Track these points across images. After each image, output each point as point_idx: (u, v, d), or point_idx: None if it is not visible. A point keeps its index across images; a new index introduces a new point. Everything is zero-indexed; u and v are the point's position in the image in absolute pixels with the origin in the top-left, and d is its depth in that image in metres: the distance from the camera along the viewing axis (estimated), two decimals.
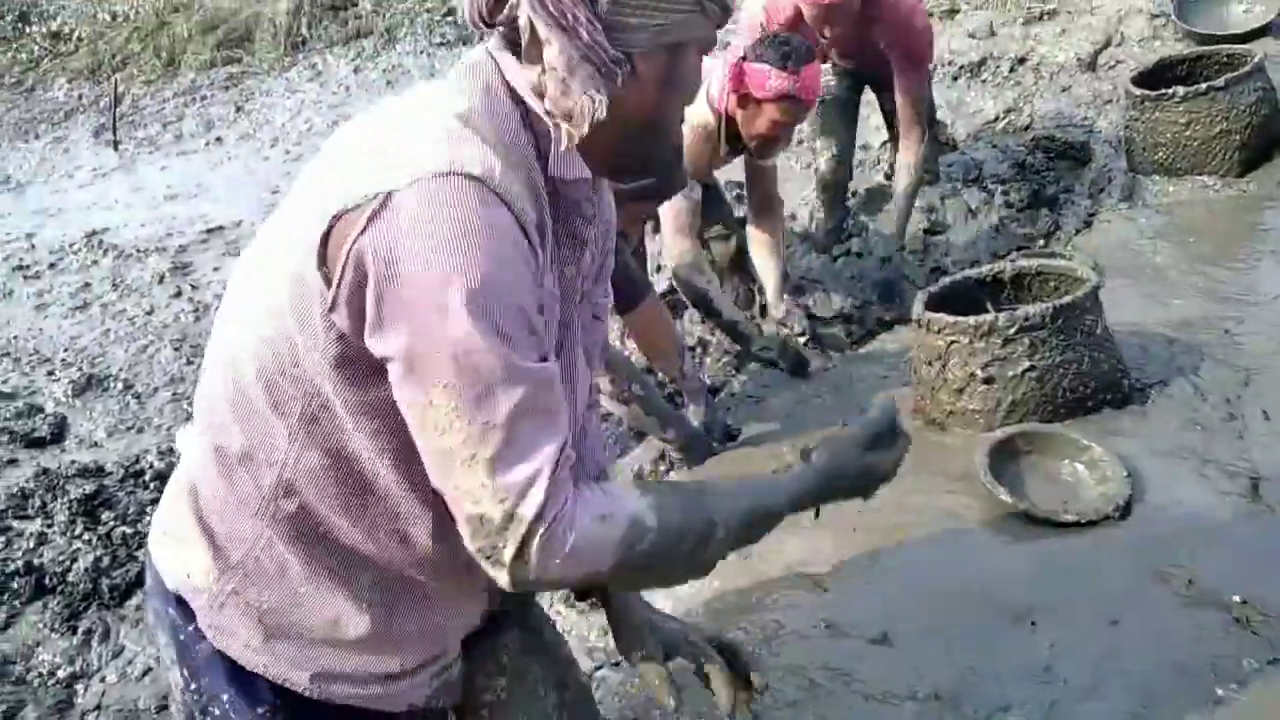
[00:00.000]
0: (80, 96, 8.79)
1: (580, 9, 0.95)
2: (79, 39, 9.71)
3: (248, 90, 7.72)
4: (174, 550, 1.15)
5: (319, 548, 1.08)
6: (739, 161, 3.23)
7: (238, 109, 7.46)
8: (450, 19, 7.58)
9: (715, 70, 2.95)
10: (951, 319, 2.43)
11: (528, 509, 0.94)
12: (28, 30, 9.90)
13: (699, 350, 3.51)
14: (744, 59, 2.81)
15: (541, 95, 1.00)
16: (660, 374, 3.12)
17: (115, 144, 7.36)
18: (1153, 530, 1.97)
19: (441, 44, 7.41)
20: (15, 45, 9.79)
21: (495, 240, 0.93)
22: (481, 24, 1.02)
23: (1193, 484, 2.11)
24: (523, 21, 0.97)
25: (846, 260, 3.87)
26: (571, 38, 0.96)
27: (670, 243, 3.06)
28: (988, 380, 2.39)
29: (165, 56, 8.82)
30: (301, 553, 1.08)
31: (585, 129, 0.98)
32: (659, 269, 3.79)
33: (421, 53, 7.47)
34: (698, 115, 2.95)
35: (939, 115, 4.26)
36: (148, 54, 8.94)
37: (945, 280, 2.74)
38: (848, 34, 3.25)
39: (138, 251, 5.14)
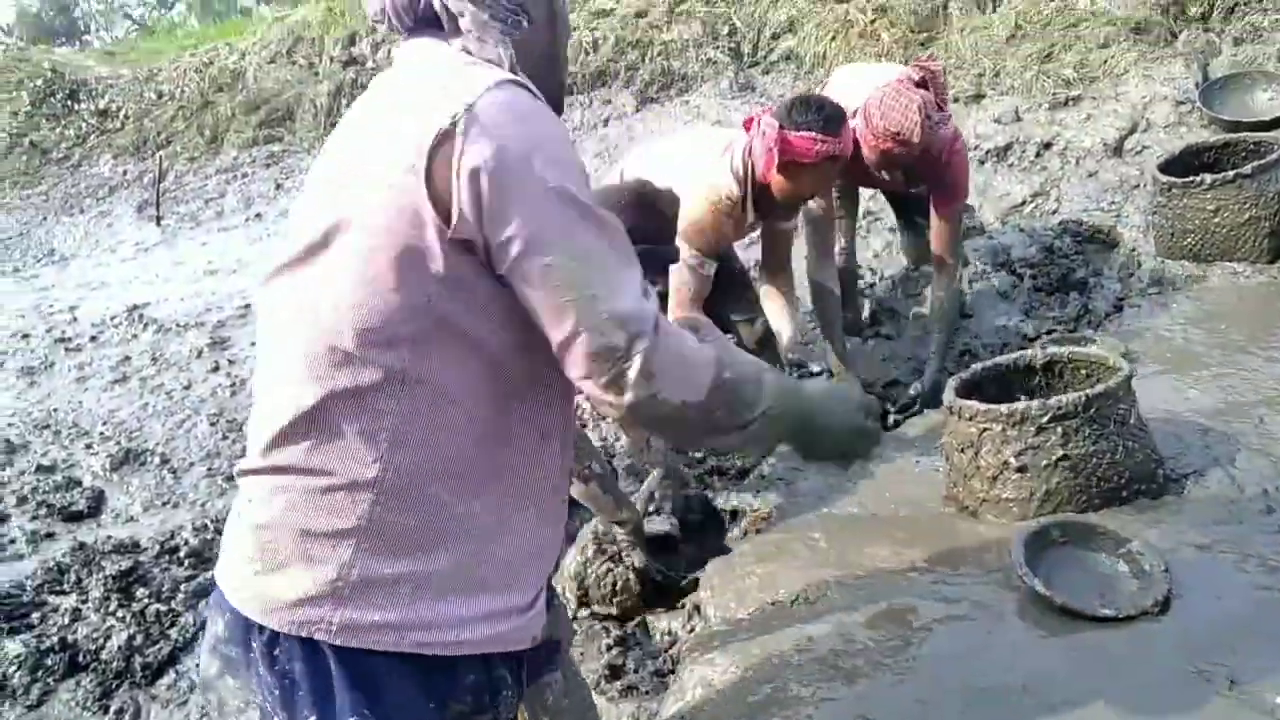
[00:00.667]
0: (125, 172, 9.08)
1: None
2: (126, 116, 10.05)
3: (288, 168, 7.95)
4: (272, 578, 1.16)
5: (444, 477, 1.18)
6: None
7: (277, 186, 7.67)
8: None
9: (735, 144, 3.02)
10: (984, 406, 2.43)
11: (645, 325, 1.14)
12: (76, 107, 10.26)
13: None
14: (782, 128, 2.86)
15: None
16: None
17: (158, 219, 7.58)
18: (1192, 626, 1.94)
19: None
20: (64, 122, 10.15)
21: (553, 121, 1.18)
22: (403, 23, 1.25)
23: (1232, 578, 2.08)
24: (438, 5, 1.23)
25: (878, 342, 3.90)
26: (478, 5, 1.22)
27: (673, 318, 3.08)
28: (1021, 469, 2.38)
29: (209, 134, 9.11)
30: (424, 489, 1.17)
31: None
32: None
33: None
34: (719, 189, 3.00)
35: (967, 200, 4.31)
36: (192, 132, 9.24)
37: (976, 366, 2.75)
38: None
39: (177, 326, 5.26)
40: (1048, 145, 4.92)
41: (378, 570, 1.14)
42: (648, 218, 2.34)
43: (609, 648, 2.49)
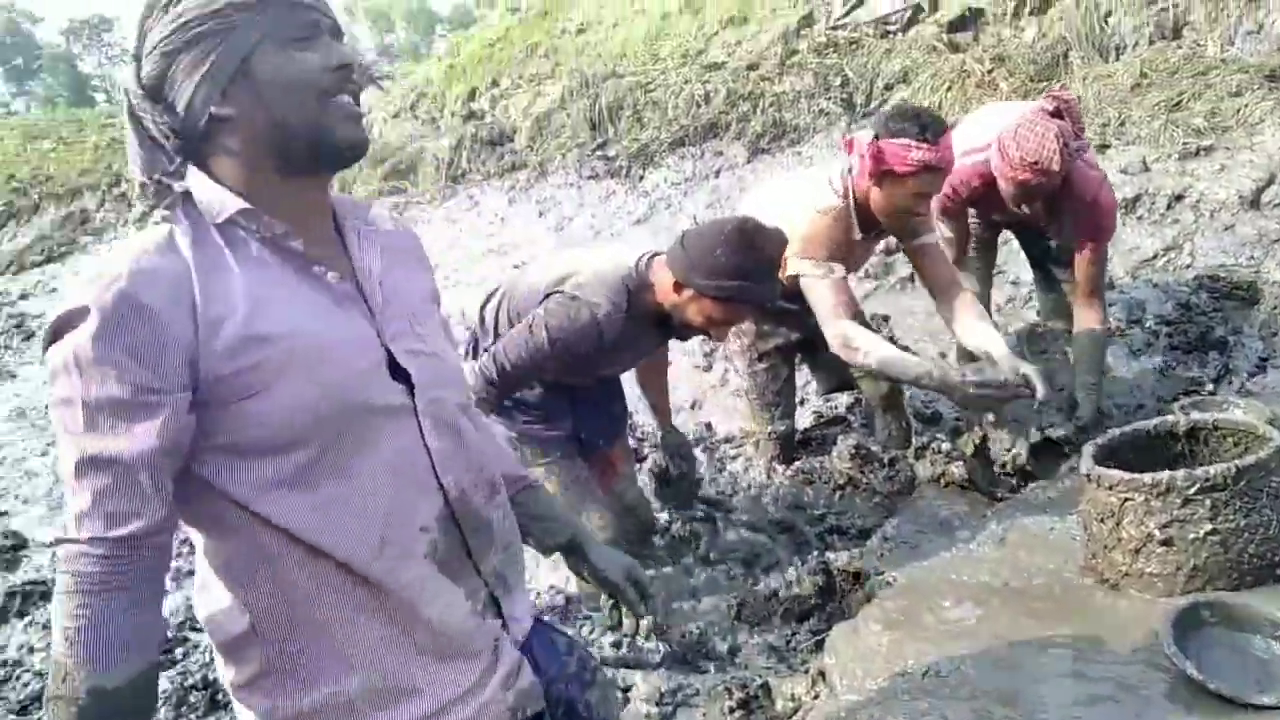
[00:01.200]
0: None
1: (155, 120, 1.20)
2: None
3: (410, 218, 8.25)
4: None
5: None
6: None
7: None
8: (600, 154, 7.97)
9: (834, 160, 3.04)
10: (1125, 476, 2.35)
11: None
12: None
13: (848, 489, 3.48)
14: (877, 137, 2.84)
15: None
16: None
17: None
18: None
19: (591, 177, 7.78)
20: None
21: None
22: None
23: None
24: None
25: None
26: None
27: (829, 332, 2.98)
28: (1166, 542, 2.29)
29: (337, 184, 9.54)
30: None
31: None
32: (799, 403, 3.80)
33: (571, 185, 7.85)
34: (823, 201, 2.99)
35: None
36: None
37: (1114, 431, 2.66)
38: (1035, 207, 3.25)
39: None
40: (1179, 197, 4.75)
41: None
42: (751, 257, 2.41)
43: (731, 710, 2.48)
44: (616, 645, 2.70)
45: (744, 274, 2.43)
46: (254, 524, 1.18)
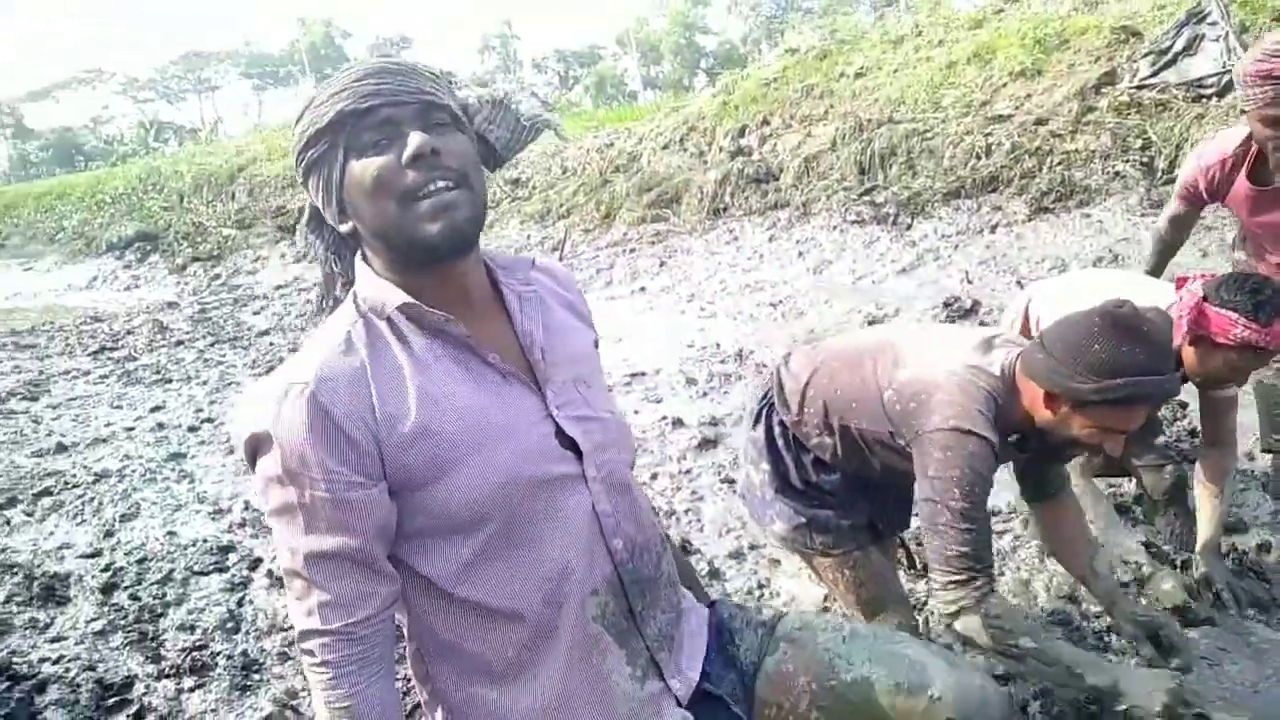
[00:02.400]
0: (529, 236, 10.14)
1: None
2: (534, 187, 11.27)
3: (671, 248, 8.47)
4: None
5: None
6: None
7: (661, 264, 8.19)
8: (867, 199, 7.86)
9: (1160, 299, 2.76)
10: None
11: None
12: (491, 175, 11.73)
13: (1133, 586, 3.21)
14: (1205, 299, 2.60)
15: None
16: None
17: None
18: None
19: (855, 221, 7.68)
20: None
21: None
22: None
23: None
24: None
25: None
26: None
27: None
28: None
29: (604, 210, 9.96)
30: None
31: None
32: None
33: (835, 228, 7.78)
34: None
35: None
36: (590, 206, 10.15)
37: None
38: None
39: None
40: None
41: None
42: (1138, 344, 1.98)
43: None
44: None
45: (1135, 366, 1.97)
46: (441, 599, 1.27)
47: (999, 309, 5.83)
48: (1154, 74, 7.31)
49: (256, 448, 1.19)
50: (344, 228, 1.27)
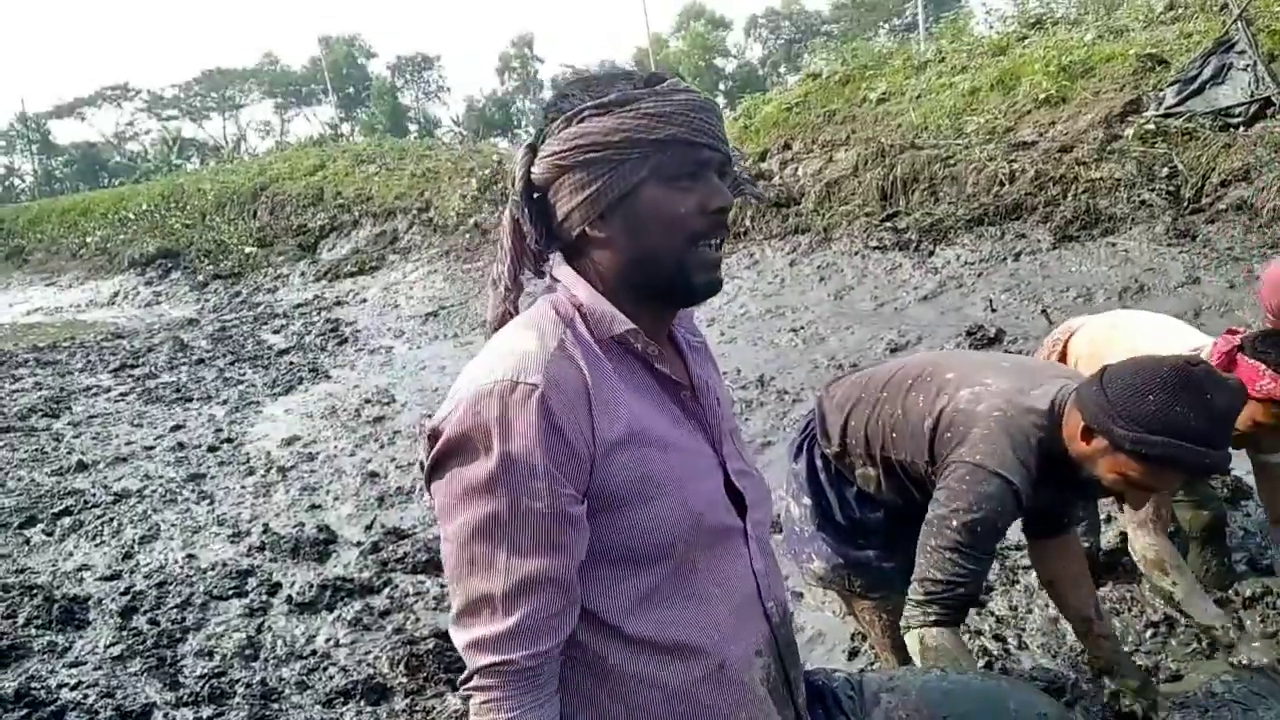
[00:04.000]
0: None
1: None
2: None
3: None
4: None
5: None
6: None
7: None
8: (889, 224, 7.82)
9: (1205, 346, 2.71)
10: None
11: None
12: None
13: (1162, 627, 3.14)
14: (1240, 349, 2.54)
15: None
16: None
17: None
18: None
19: (877, 247, 7.64)
20: (504, 207, 11.69)
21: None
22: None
23: None
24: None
25: None
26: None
27: (1133, 535, 2.79)
28: None
29: None
30: None
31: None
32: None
33: (856, 254, 7.73)
34: None
35: None
36: None
37: None
38: None
39: None
40: None
41: None
42: (1193, 409, 1.88)
43: None
44: None
45: (1180, 430, 1.86)
46: (603, 638, 1.18)
47: (1023, 337, 5.77)
48: (1180, 102, 7.26)
49: (455, 450, 1.10)
50: (590, 231, 1.19)
